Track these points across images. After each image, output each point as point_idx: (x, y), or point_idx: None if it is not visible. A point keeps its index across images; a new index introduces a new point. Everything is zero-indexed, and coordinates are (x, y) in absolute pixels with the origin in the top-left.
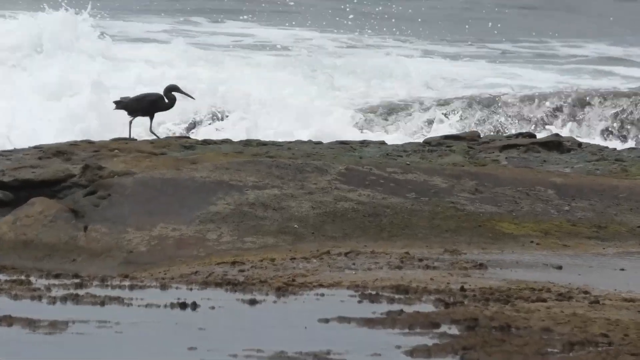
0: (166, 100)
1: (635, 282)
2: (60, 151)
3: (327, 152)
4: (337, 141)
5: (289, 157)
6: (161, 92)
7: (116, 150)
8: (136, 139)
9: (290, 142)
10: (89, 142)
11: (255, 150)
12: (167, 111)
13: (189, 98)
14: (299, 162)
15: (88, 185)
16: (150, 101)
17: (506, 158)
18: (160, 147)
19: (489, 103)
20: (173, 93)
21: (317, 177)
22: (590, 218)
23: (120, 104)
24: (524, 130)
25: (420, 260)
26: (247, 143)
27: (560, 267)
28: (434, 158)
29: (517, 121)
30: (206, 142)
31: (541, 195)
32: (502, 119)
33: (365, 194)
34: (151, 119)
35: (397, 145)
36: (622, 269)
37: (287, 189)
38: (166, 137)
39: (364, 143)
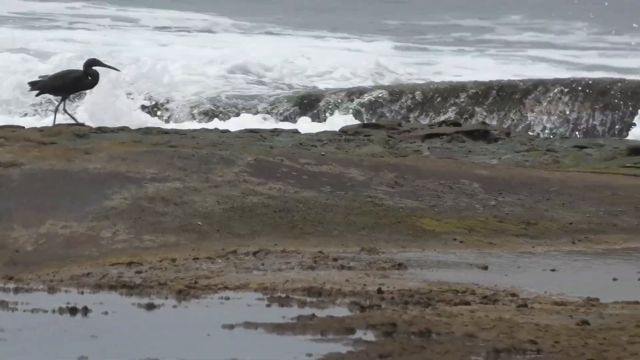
0: (89, 77)
1: (567, 284)
2: None
3: (235, 142)
4: (245, 129)
5: (192, 147)
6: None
7: (1, 139)
8: (83, 123)
9: (194, 130)
10: None
11: (155, 139)
12: (91, 89)
13: (114, 70)
14: (204, 152)
15: None
16: (73, 78)
17: (428, 148)
18: (50, 135)
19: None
20: (94, 68)
21: (224, 168)
22: (518, 214)
23: (37, 84)
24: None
25: (335, 259)
26: (147, 131)
27: (485, 267)
28: (351, 148)
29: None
30: (101, 130)
31: (465, 189)
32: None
33: (276, 187)
34: (64, 99)
35: (311, 135)
36: (553, 270)
37: (190, 182)
38: (57, 125)
39: (276, 132)
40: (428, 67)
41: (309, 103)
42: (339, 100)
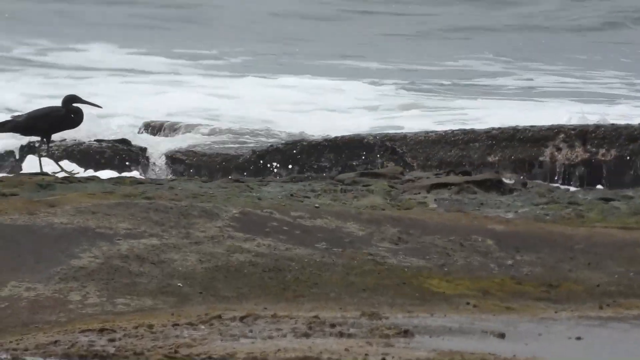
0: (72, 115)
1: (593, 354)
2: None
3: (218, 192)
4: (230, 179)
5: (170, 199)
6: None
7: None
8: (72, 171)
9: (172, 180)
10: None
11: (128, 190)
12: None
13: (95, 107)
14: (183, 204)
15: None
16: (58, 116)
17: (435, 200)
18: (10, 186)
19: None
20: (74, 105)
21: (206, 223)
22: (538, 275)
23: (9, 125)
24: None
25: (333, 325)
26: (119, 181)
27: (502, 335)
28: (348, 200)
29: None
30: (68, 180)
31: (478, 246)
32: None
33: (265, 243)
34: (48, 140)
35: (303, 185)
36: (579, 338)
37: (169, 238)
38: (18, 174)
39: (263, 181)
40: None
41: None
42: None
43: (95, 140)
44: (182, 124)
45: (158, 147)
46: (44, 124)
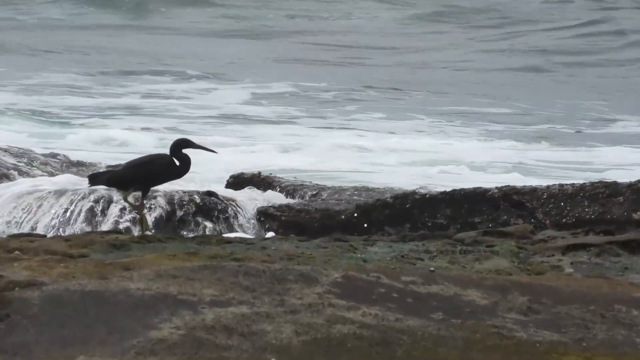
0: (177, 163)
1: None
2: None
3: (317, 253)
4: (330, 238)
5: (262, 261)
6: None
7: (17, 252)
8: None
9: (264, 239)
10: None
11: (214, 251)
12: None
13: (211, 153)
14: (277, 267)
15: None
16: (163, 165)
17: (572, 264)
18: (79, 246)
19: None
20: (184, 151)
21: (303, 288)
22: None
23: (104, 177)
24: None
25: None
26: (204, 240)
27: None
28: (468, 262)
29: None
30: (145, 239)
31: (622, 317)
32: None
33: (371, 313)
34: (145, 194)
35: (415, 244)
36: None
37: (261, 306)
38: (88, 232)
39: (369, 240)
40: None
41: None
42: None
43: (179, 191)
44: (276, 176)
45: (248, 201)
46: (144, 174)
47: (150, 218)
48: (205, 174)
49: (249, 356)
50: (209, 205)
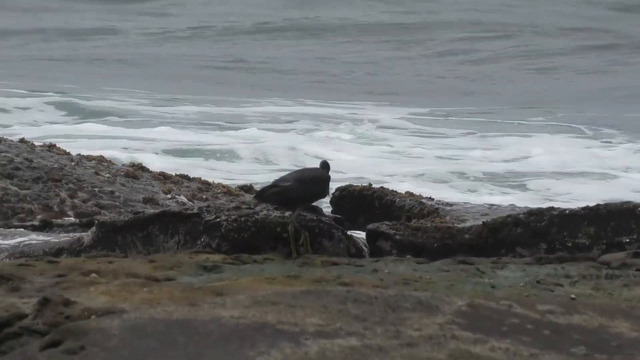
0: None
1: None
2: (1, 275)
3: (438, 278)
4: (454, 259)
5: (374, 285)
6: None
7: (93, 275)
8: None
9: (376, 261)
10: (50, 261)
11: (319, 274)
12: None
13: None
14: (391, 293)
15: (48, 332)
16: (325, 183)
17: None
18: (164, 268)
19: None
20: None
21: (422, 318)
22: None
23: (273, 192)
24: None
25: None
26: (306, 262)
27: None
28: (616, 289)
29: None
30: (240, 261)
31: None
32: None
33: (501, 347)
34: (299, 213)
35: (554, 267)
36: None
37: (372, 338)
38: (175, 253)
39: (499, 263)
40: None
41: None
42: None
43: (274, 209)
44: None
45: (357, 218)
46: (313, 192)
47: None
48: None
49: None
50: (311, 224)
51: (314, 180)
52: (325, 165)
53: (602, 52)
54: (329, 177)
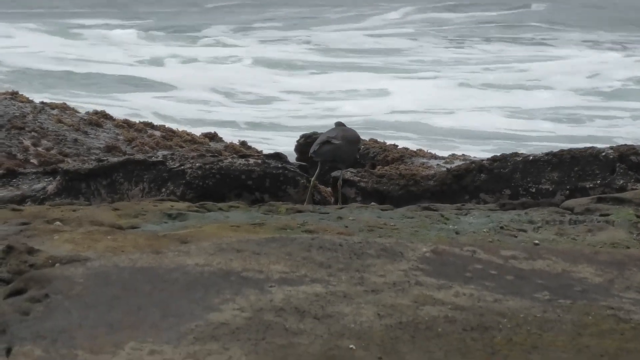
0: None
1: None
2: None
3: (402, 224)
4: (418, 206)
5: (339, 233)
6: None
7: (58, 223)
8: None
9: (340, 208)
10: (13, 209)
11: (284, 221)
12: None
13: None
14: (356, 240)
15: (12, 280)
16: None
17: None
18: (129, 215)
19: None
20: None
21: (386, 265)
22: None
23: (326, 150)
24: None
25: None
26: (271, 209)
27: None
28: (579, 234)
29: None
30: (204, 208)
31: None
32: None
33: (465, 293)
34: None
35: (517, 213)
36: None
37: (337, 285)
38: (139, 200)
39: (462, 209)
40: None
41: None
42: None
43: (239, 156)
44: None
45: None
46: (355, 150)
47: None
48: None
49: (323, 342)
50: (276, 172)
51: (357, 141)
52: (343, 124)
53: None
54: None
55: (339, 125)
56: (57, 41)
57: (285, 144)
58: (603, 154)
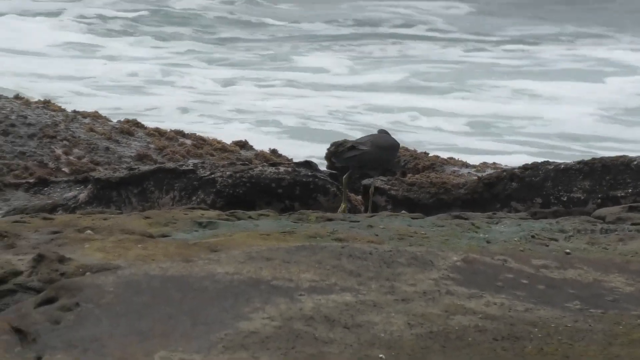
0: None
1: None
2: None
3: (433, 233)
4: (449, 214)
5: (369, 241)
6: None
7: (89, 231)
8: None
9: (370, 216)
10: (45, 218)
11: (314, 229)
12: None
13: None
14: (386, 248)
15: (43, 288)
16: (396, 153)
17: None
18: (159, 224)
19: None
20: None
21: (417, 274)
22: None
23: (352, 155)
24: None
25: None
26: (301, 217)
27: None
28: (611, 244)
29: None
30: (235, 217)
31: None
32: None
33: (496, 302)
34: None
35: (549, 222)
36: None
37: (367, 294)
38: (170, 208)
39: (494, 218)
40: None
41: None
42: None
43: (269, 164)
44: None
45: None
46: (388, 158)
47: None
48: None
49: (353, 351)
50: (307, 180)
51: (390, 147)
52: (386, 132)
53: None
54: (399, 144)
55: (381, 132)
56: None
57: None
58: (635, 162)
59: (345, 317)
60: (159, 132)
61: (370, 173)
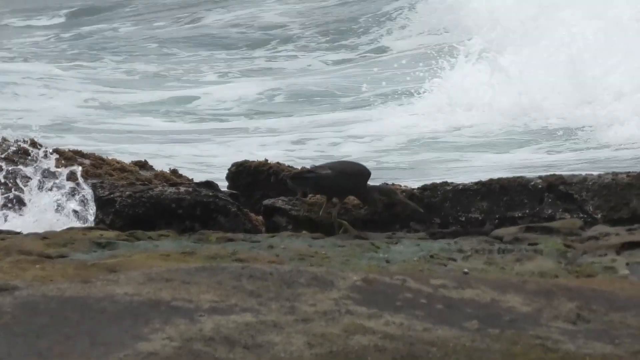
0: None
1: None
2: None
3: (333, 253)
4: (348, 234)
5: (269, 261)
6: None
7: None
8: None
9: (271, 237)
10: None
11: (214, 250)
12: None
13: None
14: (287, 269)
15: None
16: (364, 180)
17: (628, 265)
18: (57, 245)
19: None
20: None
21: (317, 294)
22: None
23: (310, 178)
24: None
25: None
26: (201, 238)
27: None
28: (508, 264)
29: None
30: (134, 237)
31: None
32: None
33: (395, 322)
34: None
35: (447, 242)
36: None
37: (268, 314)
38: (68, 229)
39: (393, 238)
40: None
41: None
42: None
43: (169, 184)
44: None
45: (253, 194)
46: (350, 186)
47: None
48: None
49: None
50: (207, 200)
51: (354, 174)
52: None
53: None
54: (370, 173)
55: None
56: None
57: None
58: (532, 183)
59: (246, 338)
60: (57, 152)
61: (334, 197)
